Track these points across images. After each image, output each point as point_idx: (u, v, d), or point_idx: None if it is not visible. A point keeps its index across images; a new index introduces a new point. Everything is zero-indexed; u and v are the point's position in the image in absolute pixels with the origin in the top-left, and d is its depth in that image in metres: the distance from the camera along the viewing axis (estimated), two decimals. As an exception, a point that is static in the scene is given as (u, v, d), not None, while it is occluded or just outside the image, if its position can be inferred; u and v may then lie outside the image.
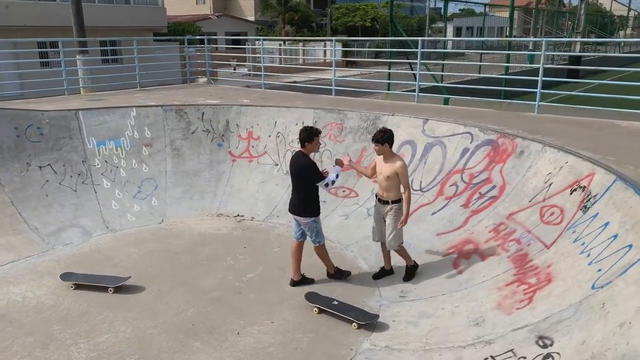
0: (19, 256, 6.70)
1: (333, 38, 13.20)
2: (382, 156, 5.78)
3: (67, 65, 11.68)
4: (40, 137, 8.21)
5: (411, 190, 5.85)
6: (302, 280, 6.04)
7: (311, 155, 5.82)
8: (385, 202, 5.83)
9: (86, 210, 7.88)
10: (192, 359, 4.67)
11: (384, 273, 6.21)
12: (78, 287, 5.93)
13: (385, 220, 5.87)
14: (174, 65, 16.92)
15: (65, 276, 6.08)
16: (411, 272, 6.05)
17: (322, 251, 6.01)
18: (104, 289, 5.87)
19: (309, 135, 5.65)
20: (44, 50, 17.87)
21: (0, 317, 5.33)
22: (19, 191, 7.55)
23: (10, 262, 6.55)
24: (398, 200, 5.78)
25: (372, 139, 5.77)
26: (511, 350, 4.13)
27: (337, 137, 8.83)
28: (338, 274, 6.16)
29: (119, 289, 5.89)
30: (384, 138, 5.66)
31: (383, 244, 6.08)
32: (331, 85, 11.92)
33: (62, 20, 16.32)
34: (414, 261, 6.10)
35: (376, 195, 5.97)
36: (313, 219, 5.78)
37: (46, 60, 16.99)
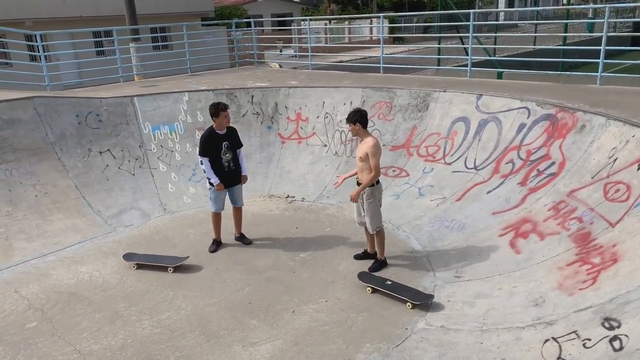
0: (84, 237, 7.07)
1: (380, 14, 12.93)
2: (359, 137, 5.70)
3: (121, 53, 12.06)
4: (99, 124, 8.55)
5: (380, 173, 5.61)
6: None
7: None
8: (359, 184, 5.72)
9: (144, 193, 8.18)
10: (250, 336, 4.80)
11: (367, 256, 6.13)
12: (140, 266, 6.21)
13: (362, 204, 5.77)
14: (222, 50, 17.11)
15: (127, 256, 6.37)
16: (380, 266, 5.90)
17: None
18: (164, 269, 6.11)
19: (215, 111, 6.23)
20: (99, 39, 18.51)
21: (71, 294, 5.67)
22: (82, 176, 7.92)
23: (78, 243, 6.92)
24: (372, 184, 5.63)
25: (346, 120, 5.67)
26: (574, 331, 3.99)
27: (387, 116, 8.70)
28: None
29: (178, 269, 6.11)
30: (355, 118, 5.54)
31: (366, 228, 5.97)
32: (379, 63, 11.74)
33: (115, 10, 16.84)
34: (385, 257, 5.94)
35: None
36: (209, 187, 6.51)
37: (101, 49, 17.59)
